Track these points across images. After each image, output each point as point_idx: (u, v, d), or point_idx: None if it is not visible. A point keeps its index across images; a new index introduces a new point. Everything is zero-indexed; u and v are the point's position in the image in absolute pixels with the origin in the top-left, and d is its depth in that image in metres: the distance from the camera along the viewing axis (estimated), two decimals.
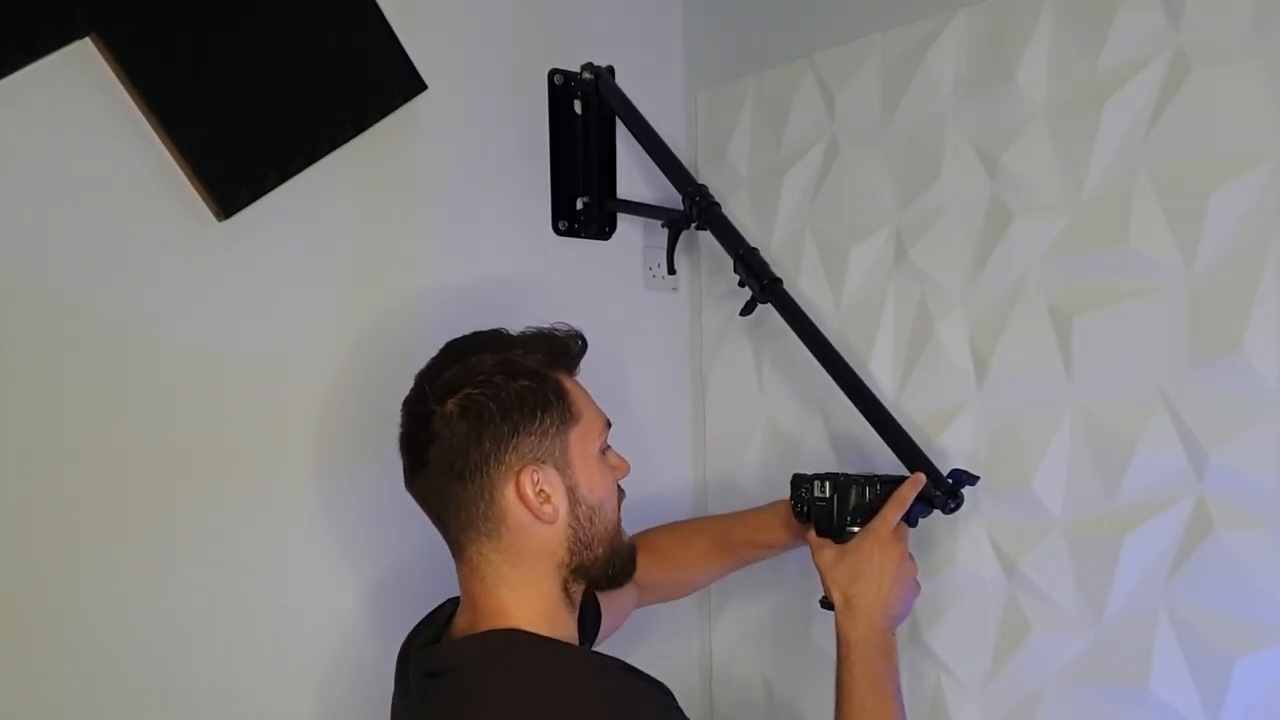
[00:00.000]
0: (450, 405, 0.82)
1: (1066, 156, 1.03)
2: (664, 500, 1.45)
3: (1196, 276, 0.94)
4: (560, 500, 0.84)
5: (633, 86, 1.29)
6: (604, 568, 0.88)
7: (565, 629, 0.86)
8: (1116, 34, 0.99)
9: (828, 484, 0.99)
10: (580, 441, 0.85)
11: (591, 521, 0.85)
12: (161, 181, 0.99)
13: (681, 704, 0.83)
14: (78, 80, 0.93)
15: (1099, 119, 1.00)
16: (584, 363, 0.93)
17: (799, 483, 1.03)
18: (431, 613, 0.95)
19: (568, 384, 0.87)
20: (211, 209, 1.01)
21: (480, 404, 0.81)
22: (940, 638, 1.15)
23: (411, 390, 0.88)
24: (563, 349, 0.89)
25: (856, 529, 0.99)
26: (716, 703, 1.44)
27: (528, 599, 0.84)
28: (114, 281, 0.96)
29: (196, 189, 1.00)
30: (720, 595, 1.43)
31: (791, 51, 1.31)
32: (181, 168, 0.99)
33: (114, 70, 0.95)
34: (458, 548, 0.86)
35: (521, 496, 0.82)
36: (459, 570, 0.87)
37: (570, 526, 0.84)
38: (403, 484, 0.88)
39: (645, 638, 1.38)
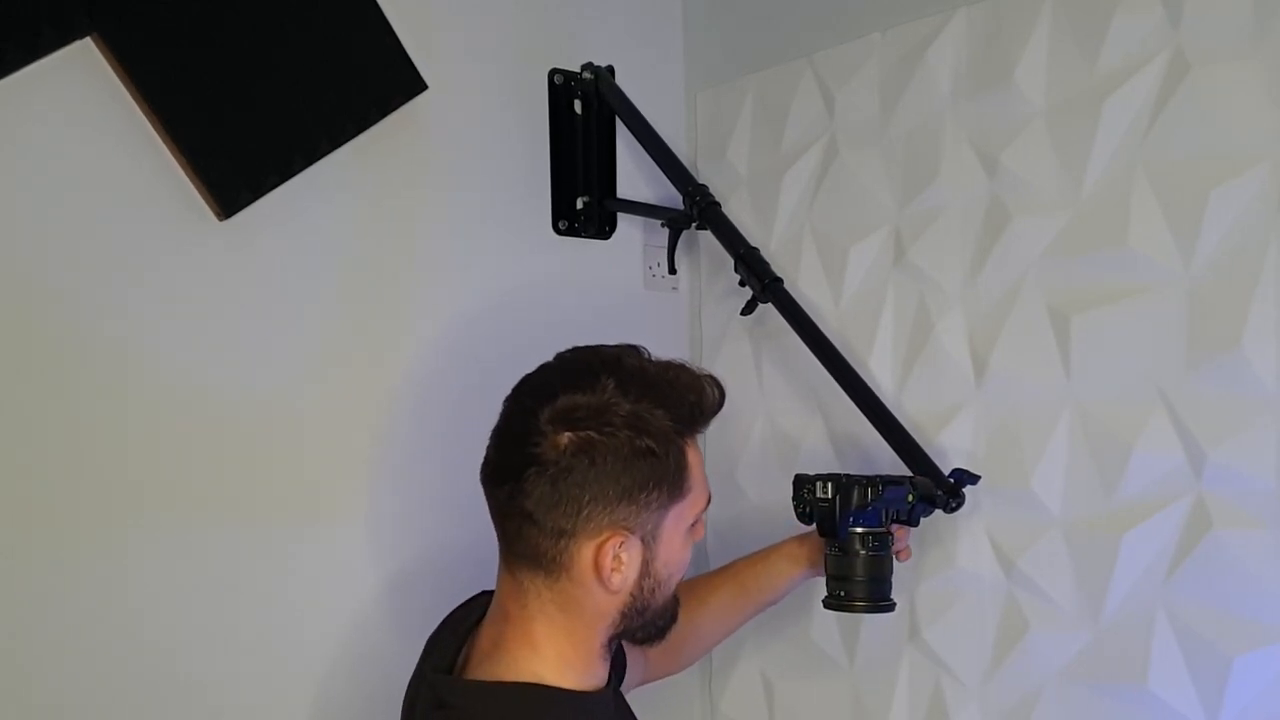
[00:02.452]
0: (567, 438, 0.76)
1: (1065, 156, 1.03)
2: None
3: (1195, 276, 0.94)
4: (632, 572, 0.79)
5: (633, 86, 1.29)
6: (647, 629, 0.84)
7: (593, 677, 0.83)
8: (1115, 34, 0.99)
9: (830, 484, 0.99)
10: (677, 519, 0.81)
11: (654, 594, 0.81)
12: (162, 181, 0.99)
13: (683, 704, 0.83)
14: (79, 80, 0.94)
15: (1098, 119, 1.00)
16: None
17: (801, 483, 1.03)
18: (464, 605, 0.91)
19: (691, 455, 0.81)
20: (212, 209, 1.01)
21: (598, 453, 0.75)
22: (939, 636, 1.15)
23: (526, 386, 0.81)
24: (703, 410, 0.81)
25: (859, 529, 0.99)
26: (716, 703, 1.44)
27: (563, 644, 0.80)
28: (114, 281, 0.96)
29: (197, 189, 1.00)
30: None
31: (791, 51, 1.31)
32: (182, 168, 0.99)
33: (115, 70, 0.95)
34: (511, 566, 0.82)
35: (597, 561, 0.77)
36: (502, 578, 0.83)
37: (632, 595, 0.80)
38: (405, 482, 0.86)
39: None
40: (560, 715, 0.79)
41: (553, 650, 0.80)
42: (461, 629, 0.87)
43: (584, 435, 0.75)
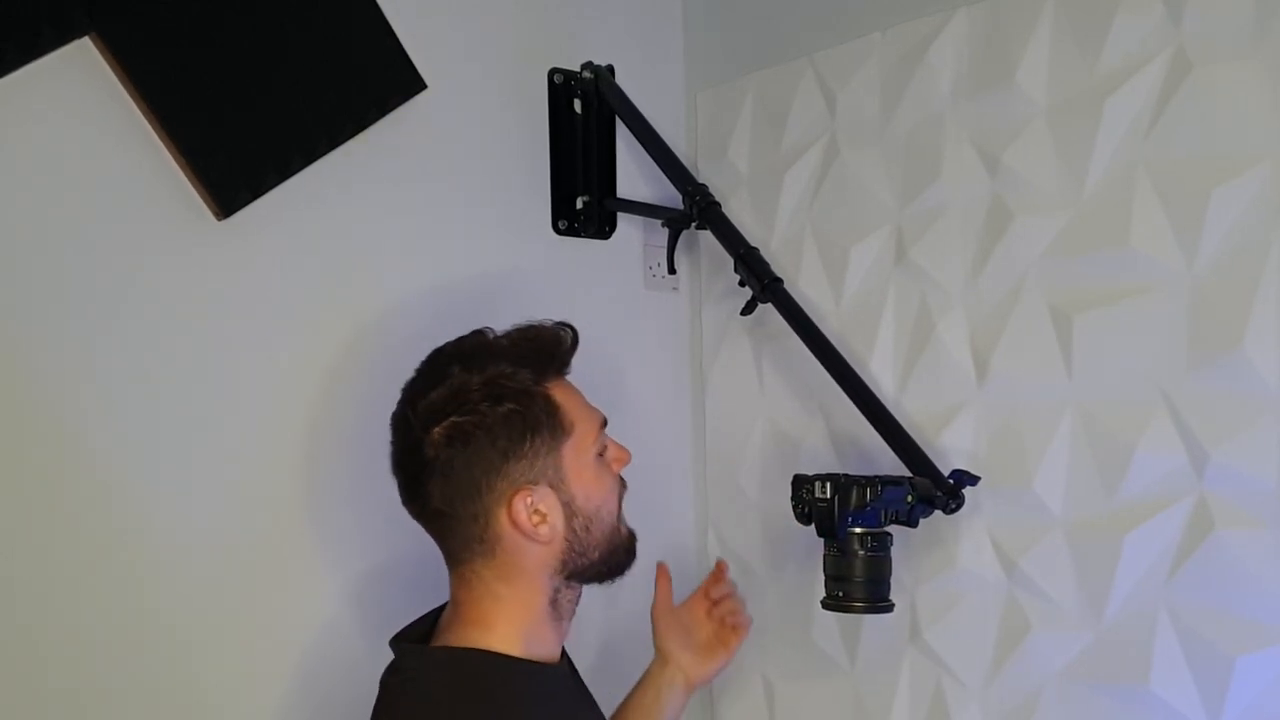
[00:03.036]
0: (437, 433, 0.81)
1: (1067, 156, 1.03)
2: (663, 499, 1.45)
3: (1197, 275, 0.94)
4: (556, 517, 0.83)
5: (633, 86, 1.29)
6: (600, 567, 0.88)
7: (544, 645, 0.86)
8: (1117, 33, 0.99)
9: (828, 485, 0.99)
10: (575, 453, 0.84)
11: (589, 530, 0.85)
12: (161, 181, 0.98)
13: None
14: (78, 79, 0.93)
15: (1099, 118, 1.00)
16: (584, 363, 0.92)
17: (800, 484, 1.03)
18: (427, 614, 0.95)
19: (558, 395, 0.85)
20: (211, 209, 1.01)
21: (467, 433, 0.80)
22: (941, 637, 1.15)
23: (398, 406, 0.86)
24: (549, 352, 0.86)
25: (858, 530, 0.99)
26: (717, 704, 1.44)
27: (512, 614, 0.84)
28: (113, 281, 0.96)
29: (196, 189, 1.00)
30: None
31: (791, 51, 1.31)
32: (181, 167, 0.99)
33: (114, 70, 0.95)
34: (453, 562, 0.87)
35: (515, 521, 0.82)
36: (450, 577, 0.88)
37: (566, 540, 0.84)
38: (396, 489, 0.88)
39: (646, 638, 1.38)
40: (505, 679, 0.82)
41: (502, 623, 0.84)
42: (426, 620, 0.91)
43: (449, 423, 0.81)
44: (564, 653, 0.91)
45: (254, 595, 1.05)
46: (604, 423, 0.89)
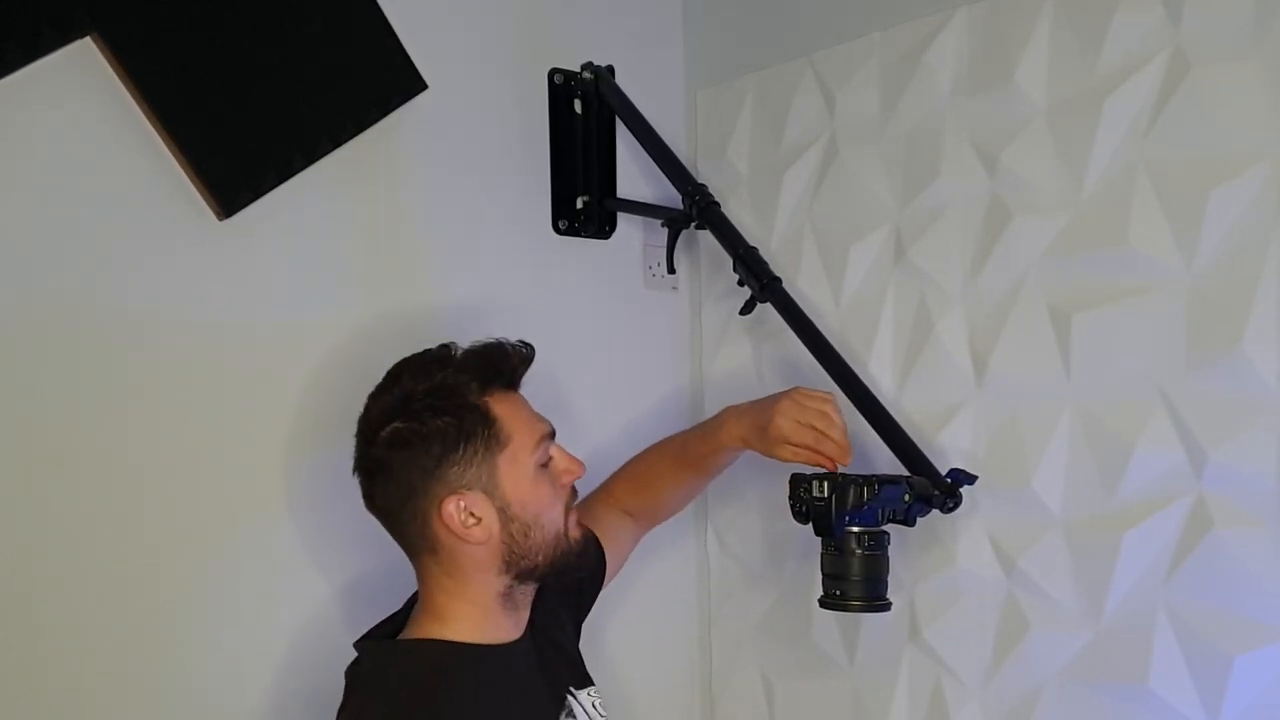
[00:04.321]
0: (382, 437, 0.87)
1: (1066, 155, 1.03)
2: None
3: (1196, 275, 0.94)
4: (491, 520, 0.88)
5: (633, 86, 1.29)
6: (548, 570, 0.92)
7: (500, 631, 0.92)
8: (1116, 33, 0.99)
9: (826, 484, 0.99)
10: (510, 463, 0.88)
11: (527, 535, 0.89)
12: (161, 181, 0.99)
13: (683, 704, 0.85)
14: (79, 80, 0.94)
15: (1098, 118, 1.00)
16: (584, 363, 0.93)
17: (797, 483, 1.02)
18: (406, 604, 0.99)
19: (497, 408, 0.89)
20: (212, 209, 1.01)
21: (406, 438, 0.86)
22: (940, 636, 1.15)
23: (361, 411, 0.91)
24: (496, 368, 0.90)
25: (855, 528, 0.99)
26: (717, 703, 1.44)
27: (462, 605, 0.90)
28: (113, 280, 0.97)
29: (197, 189, 1.00)
30: (720, 595, 1.43)
31: (791, 50, 1.31)
32: (182, 167, 0.99)
33: (115, 70, 0.95)
34: (409, 556, 0.93)
35: (447, 522, 0.86)
36: (414, 570, 0.94)
37: (504, 543, 0.89)
38: None
39: (645, 638, 1.38)
40: (452, 663, 0.88)
41: (453, 614, 0.90)
42: (398, 617, 0.96)
43: (392, 429, 0.87)
44: (531, 627, 0.95)
45: (256, 595, 1.06)
46: (548, 434, 0.93)
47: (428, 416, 0.86)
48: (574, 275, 1.34)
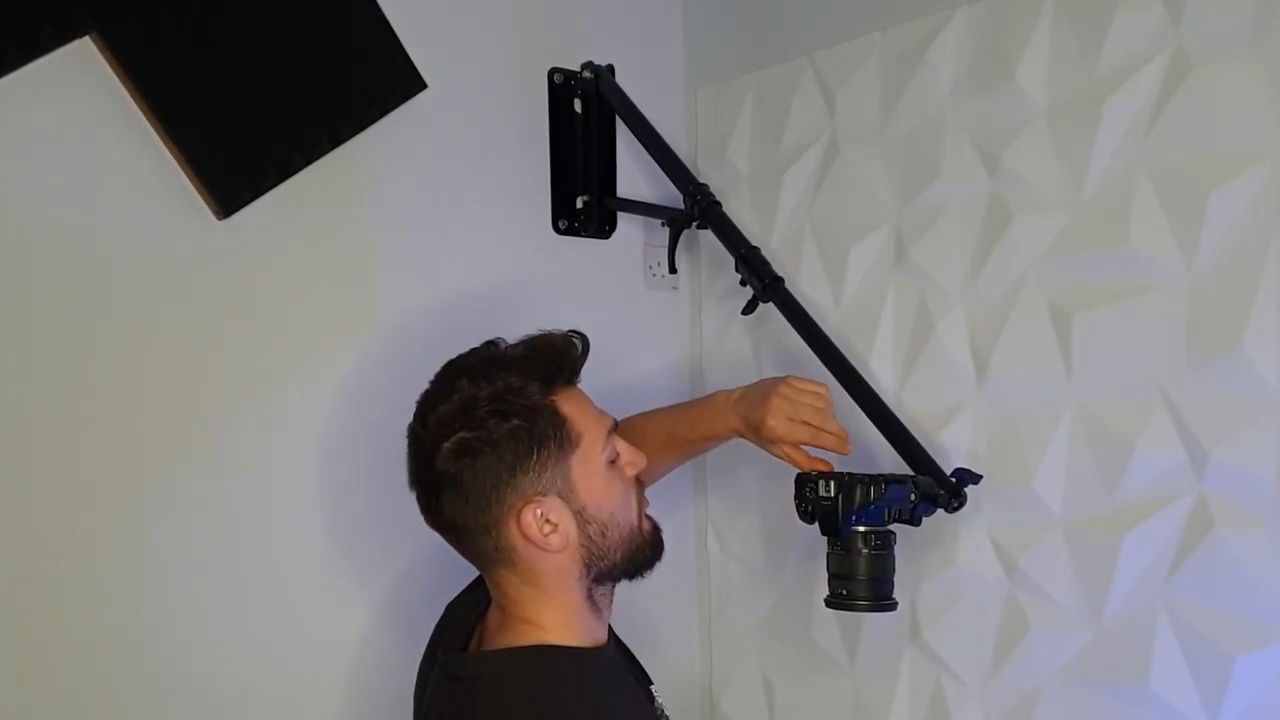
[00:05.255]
0: (447, 448, 0.82)
1: (1066, 155, 1.03)
2: (664, 498, 1.44)
3: (1197, 275, 0.94)
4: (568, 526, 0.84)
5: (633, 85, 1.29)
6: (625, 566, 0.89)
7: (591, 634, 0.88)
8: (1116, 32, 0.99)
9: (832, 483, 0.99)
10: (583, 463, 0.84)
11: (604, 535, 0.86)
12: (161, 180, 0.98)
13: (683, 704, 0.84)
14: (78, 79, 0.93)
15: (1099, 117, 1.00)
16: (585, 363, 0.92)
17: (803, 482, 1.02)
18: (468, 591, 0.96)
19: (565, 406, 0.85)
20: (211, 208, 1.01)
21: (474, 448, 0.81)
22: (940, 636, 1.15)
23: (412, 419, 0.87)
24: (556, 363, 0.86)
25: (862, 528, 0.99)
26: (717, 703, 1.44)
27: (551, 610, 0.86)
28: (113, 280, 0.96)
29: (196, 188, 1.00)
30: (720, 595, 1.43)
31: (791, 50, 1.31)
32: (181, 167, 0.99)
33: (114, 69, 0.95)
34: (484, 572, 0.89)
35: (525, 532, 0.82)
36: (487, 583, 0.89)
37: (583, 546, 0.85)
38: (404, 480, 0.88)
39: (645, 638, 1.38)
40: (565, 667, 0.84)
41: (547, 619, 0.86)
42: (472, 616, 0.93)
43: (458, 439, 0.81)
44: (610, 632, 0.93)
45: (269, 602, 1.06)
46: (613, 427, 0.89)
47: (495, 423, 0.81)
48: (574, 275, 1.34)
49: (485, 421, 0.81)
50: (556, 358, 0.86)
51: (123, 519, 0.97)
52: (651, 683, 0.98)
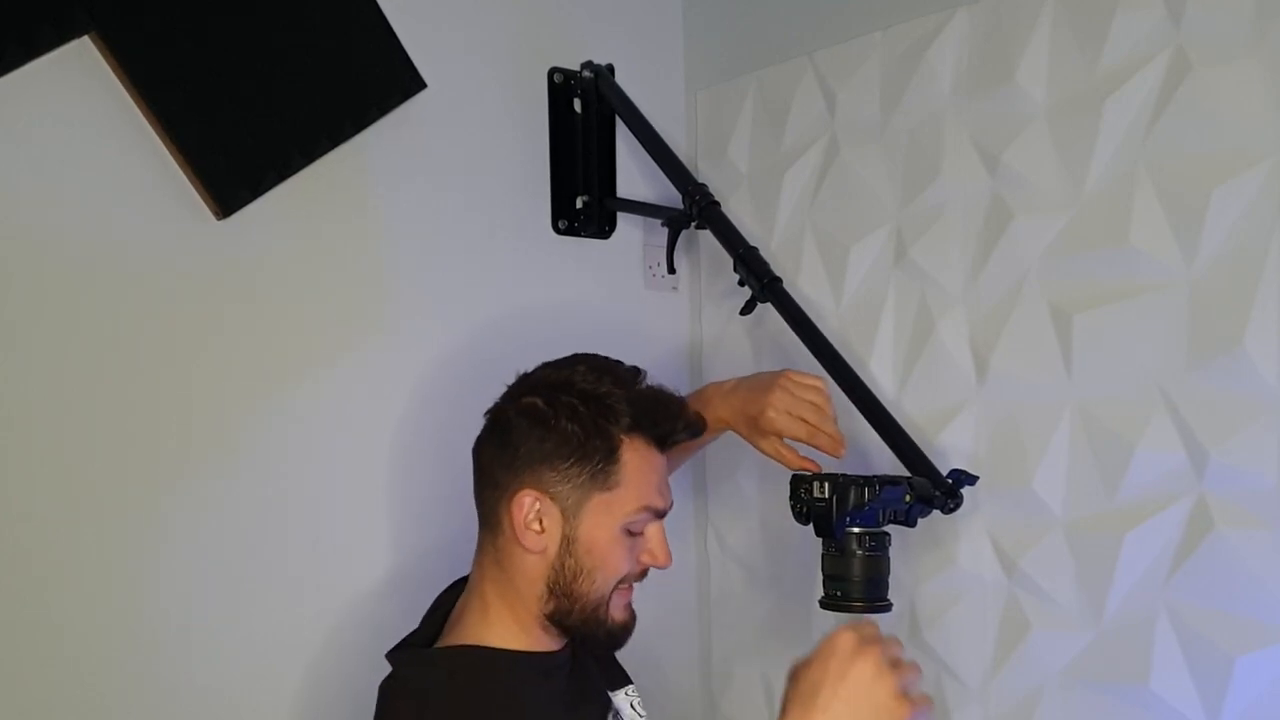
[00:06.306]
0: (524, 401, 0.86)
1: (1067, 155, 1.03)
2: None
3: (1197, 275, 0.94)
4: (552, 540, 0.85)
5: (632, 85, 1.29)
6: (578, 628, 0.87)
7: (541, 643, 0.88)
8: (1117, 32, 0.99)
9: (826, 484, 0.99)
10: (604, 508, 0.85)
11: (576, 579, 0.85)
12: (160, 181, 0.99)
13: (683, 704, 0.84)
14: (77, 79, 0.94)
15: (1099, 117, 1.00)
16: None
17: (798, 483, 1.02)
18: (452, 585, 0.96)
19: (629, 454, 0.85)
20: (211, 208, 1.01)
21: (538, 417, 0.85)
22: (941, 636, 1.14)
23: (531, 369, 0.91)
24: (656, 417, 0.87)
25: (856, 529, 0.99)
26: (717, 703, 1.44)
27: (504, 609, 0.87)
28: (114, 280, 0.96)
29: (196, 188, 1.00)
30: (720, 595, 1.43)
31: (792, 50, 1.31)
32: (181, 167, 0.99)
33: (114, 69, 0.95)
34: (480, 524, 0.90)
35: (514, 511, 0.84)
36: (478, 539, 0.91)
37: (554, 569, 0.85)
38: (403, 479, 0.89)
39: (645, 637, 1.38)
40: (492, 672, 0.85)
41: (496, 614, 0.87)
42: (446, 604, 0.94)
43: (531, 400, 0.86)
44: (569, 647, 0.92)
45: (263, 594, 1.06)
46: (659, 511, 0.89)
47: (565, 415, 0.84)
48: (574, 275, 1.34)
49: (561, 407, 0.84)
50: (660, 412, 0.88)
51: (121, 516, 0.97)
52: (622, 685, 0.97)
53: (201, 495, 1.02)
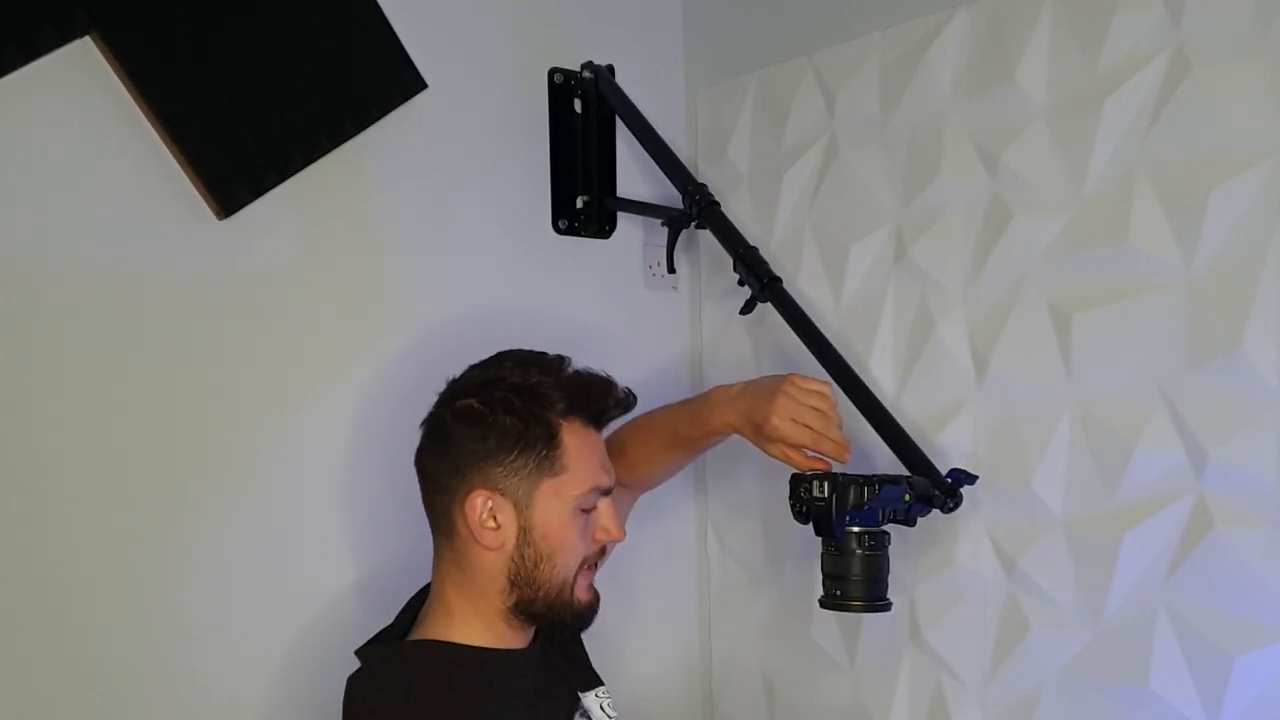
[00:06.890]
0: (458, 405, 0.88)
1: (1066, 155, 1.03)
2: (663, 498, 1.45)
3: (1196, 275, 0.94)
4: (509, 534, 0.86)
5: (633, 85, 1.29)
6: (545, 614, 0.89)
7: (506, 639, 0.90)
8: (1116, 32, 0.99)
9: (826, 484, 0.99)
10: (554, 492, 0.87)
11: (537, 567, 0.87)
12: (161, 181, 0.99)
13: (683, 704, 0.84)
14: (78, 79, 0.94)
15: (1099, 117, 1.00)
16: (584, 362, 0.92)
17: (797, 483, 1.02)
18: (425, 587, 0.97)
19: (569, 437, 0.88)
20: (211, 208, 1.01)
21: (471, 419, 0.86)
22: (940, 636, 1.15)
23: (457, 375, 0.92)
24: (587, 396, 0.90)
25: (855, 528, 0.99)
26: (717, 703, 1.44)
27: (467, 606, 0.89)
28: (114, 281, 0.96)
29: (196, 188, 1.00)
30: (720, 595, 1.43)
31: (791, 50, 1.31)
32: (181, 167, 0.99)
33: (114, 69, 0.95)
34: (434, 537, 0.92)
35: (468, 514, 0.86)
36: (433, 547, 0.92)
37: (514, 562, 0.87)
38: (402, 479, 0.89)
39: (645, 637, 1.38)
40: (461, 669, 0.87)
41: (460, 613, 0.89)
42: (415, 606, 0.95)
43: (467, 402, 0.87)
44: (537, 636, 0.93)
45: (261, 591, 1.06)
46: (604, 488, 0.91)
47: (501, 410, 0.86)
48: (574, 275, 1.34)
49: (496, 404, 0.86)
50: (591, 392, 0.90)
51: (121, 515, 0.97)
52: (593, 686, 0.98)
53: (199, 493, 1.02)
